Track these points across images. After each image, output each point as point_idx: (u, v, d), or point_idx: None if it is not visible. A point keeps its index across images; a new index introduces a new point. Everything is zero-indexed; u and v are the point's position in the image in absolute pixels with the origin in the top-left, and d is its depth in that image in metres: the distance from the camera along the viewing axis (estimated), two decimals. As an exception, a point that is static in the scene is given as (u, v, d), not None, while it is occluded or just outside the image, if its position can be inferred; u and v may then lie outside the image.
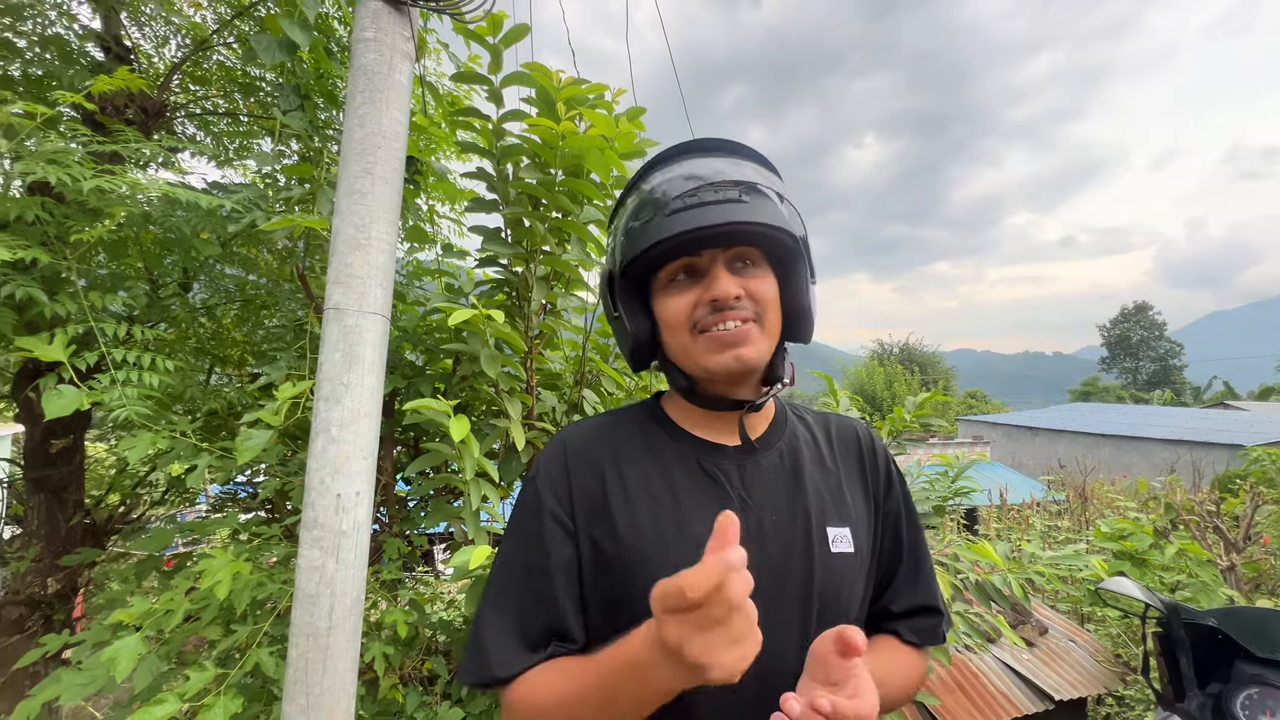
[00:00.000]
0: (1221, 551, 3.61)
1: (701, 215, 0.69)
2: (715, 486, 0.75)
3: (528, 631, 0.70)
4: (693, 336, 0.74)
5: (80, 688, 1.21)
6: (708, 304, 0.72)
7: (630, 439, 0.80)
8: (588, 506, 0.74)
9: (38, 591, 2.01)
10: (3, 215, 1.39)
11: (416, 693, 1.76)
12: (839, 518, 0.77)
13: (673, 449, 0.78)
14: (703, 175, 0.72)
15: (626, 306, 0.79)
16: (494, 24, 1.53)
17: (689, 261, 0.74)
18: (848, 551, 0.75)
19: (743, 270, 0.74)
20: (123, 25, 2.13)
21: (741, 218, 0.69)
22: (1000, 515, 7.03)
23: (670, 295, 0.76)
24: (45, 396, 1.29)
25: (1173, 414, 22.60)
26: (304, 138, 1.67)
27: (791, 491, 0.76)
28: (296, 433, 1.79)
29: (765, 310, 0.74)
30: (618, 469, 0.76)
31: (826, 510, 0.76)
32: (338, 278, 1.21)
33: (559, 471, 0.77)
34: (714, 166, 0.74)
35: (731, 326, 0.71)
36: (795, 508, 0.75)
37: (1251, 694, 1.26)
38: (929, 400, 2.03)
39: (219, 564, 1.28)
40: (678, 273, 0.75)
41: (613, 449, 0.78)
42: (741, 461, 0.77)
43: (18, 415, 2.11)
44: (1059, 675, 2.87)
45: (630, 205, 0.77)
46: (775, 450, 0.80)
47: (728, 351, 0.72)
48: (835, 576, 0.73)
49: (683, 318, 0.74)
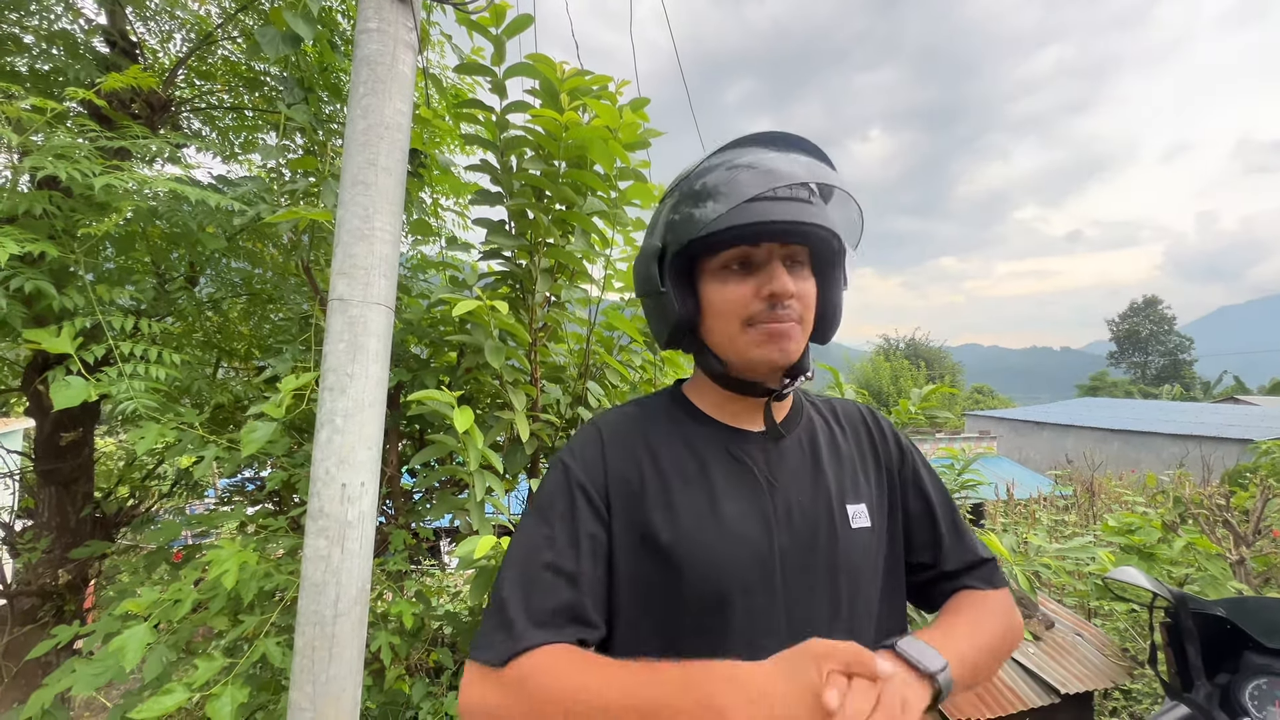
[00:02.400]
0: (1231, 545, 3.58)
1: (779, 209, 0.71)
2: (743, 470, 0.78)
3: (544, 607, 0.69)
4: (742, 328, 0.75)
5: (93, 678, 1.23)
6: (765, 298, 0.73)
7: (661, 425, 0.82)
8: (625, 493, 0.76)
9: (49, 583, 2.03)
10: (11, 209, 1.40)
11: (423, 683, 1.77)
12: (855, 495, 0.81)
13: (702, 435, 0.81)
14: (780, 169, 0.72)
15: (677, 285, 0.79)
16: (497, 15, 1.53)
17: (746, 252, 0.75)
18: (866, 526, 0.79)
19: (792, 269, 0.76)
20: (128, 20, 2.13)
21: (809, 219, 0.71)
22: (1007, 510, 7.00)
23: (724, 283, 0.76)
24: (54, 387, 1.30)
25: (1182, 409, 22.42)
26: (308, 131, 1.68)
27: (813, 473, 0.80)
28: (303, 425, 1.80)
29: (806, 311, 0.77)
30: (652, 454, 0.79)
31: (845, 489, 0.80)
32: (342, 268, 1.21)
33: (595, 455, 0.78)
34: (792, 163, 0.74)
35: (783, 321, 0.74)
36: (817, 488, 0.79)
37: (1260, 684, 1.25)
38: (935, 392, 2.02)
39: (226, 554, 1.29)
40: (732, 262, 0.75)
41: (645, 436, 0.81)
42: (765, 446, 0.80)
43: (28, 409, 2.13)
44: (1065, 669, 2.86)
45: (697, 184, 0.75)
46: (795, 436, 0.83)
47: (774, 345, 0.74)
48: (857, 551, 0.77)
49: (738, 308, 0.75)
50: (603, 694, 0.59)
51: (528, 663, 0.64)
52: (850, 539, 0.77)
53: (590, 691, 0.59)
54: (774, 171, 0.71)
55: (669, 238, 0.77)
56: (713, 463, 0.78)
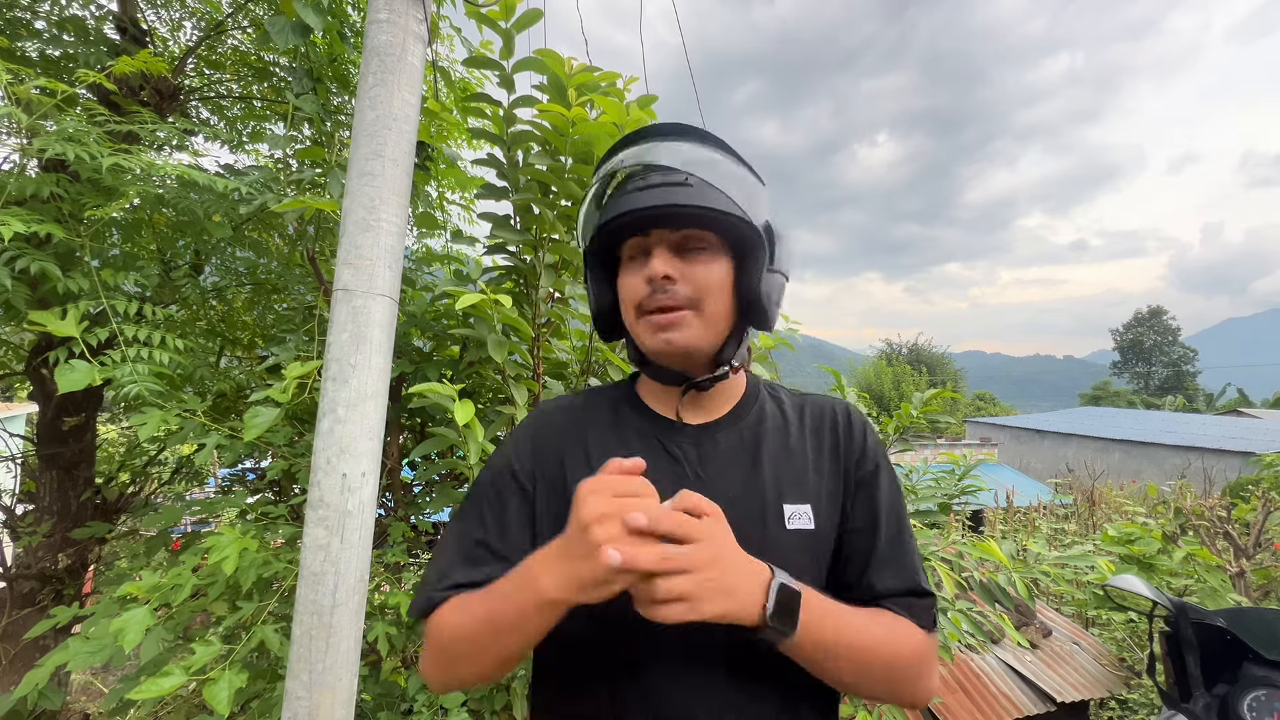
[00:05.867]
0: (1231, 558, 3.58)
1: (645, 197, 0.73)
2: (673, 463, 0.78)
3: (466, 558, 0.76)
4: (638, 316, 0.77)
5: (88, 656, 1.23)
6: (646, 283, 0.75)
7: (600, 417, 0.84)
8: (548, 484, 0.79)
9: (48, 567, 2.04)
10: (19, 192, 1.40)
11: (418, 676, 1.77)
12: (799, 495, 0.77)
13: (637, 427, 0.82)
14: (654, 158, 0.75)
15: (592, 277, 0.85)
16: (506, 9, 1.53)
17: (641, 241, 0.77)
18: (806, 528, 0.75)
19: (689, 254, 0.76)
20: (139, 8, 2.14)
21: (681, 200, 0.72)
22: (1006, 518, 6.98)
23: (625, 274, 0.80)
24: (58, 370, 1.30)
25: (1185, 420, 22.35)
26: (316, 121, 1.68)
27: (748, 469, 0.78)
28: (304, 415, 1.80)
29: (705, 296, 0.75)
30: (584, 445, 0.80)
31: (784, 488, 0.77)
32: (347, 259, 1.21)
33: (524, 437, 0.83)
34: (670, 150, 0.76)
35: (664, 310, 0.75)
36: (751, 485, 0.76)
37: (1259, 696, 1.24)
38: (937, 396, 2.01)
39: (226, 540, 1.30)
40: (633, 251, 0.79)
41: (581, 427, 0.83)
42: (700, 440, 0.80)
43: (31, 393, 2.14)
44: (1062, 677, 2.86)
45: (593, 184, 0.81)
46: (736, 429, 0.81)
47: (660, 335, 0.75)
48: (791, 552, 0.73)
49: (631, 294, 0.78)
50: (472, 620, 0.68)
51: (439, 614, 0.72)
52: (783, 539, 0.73)
53: (464, 624, 0.68)
54: (643, 159, 0.75)
55: (584, 241, 0.84)
56: (641, 454, 0.73)
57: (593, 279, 0.85)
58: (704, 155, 0.76)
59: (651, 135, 0.79)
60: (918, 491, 2.35)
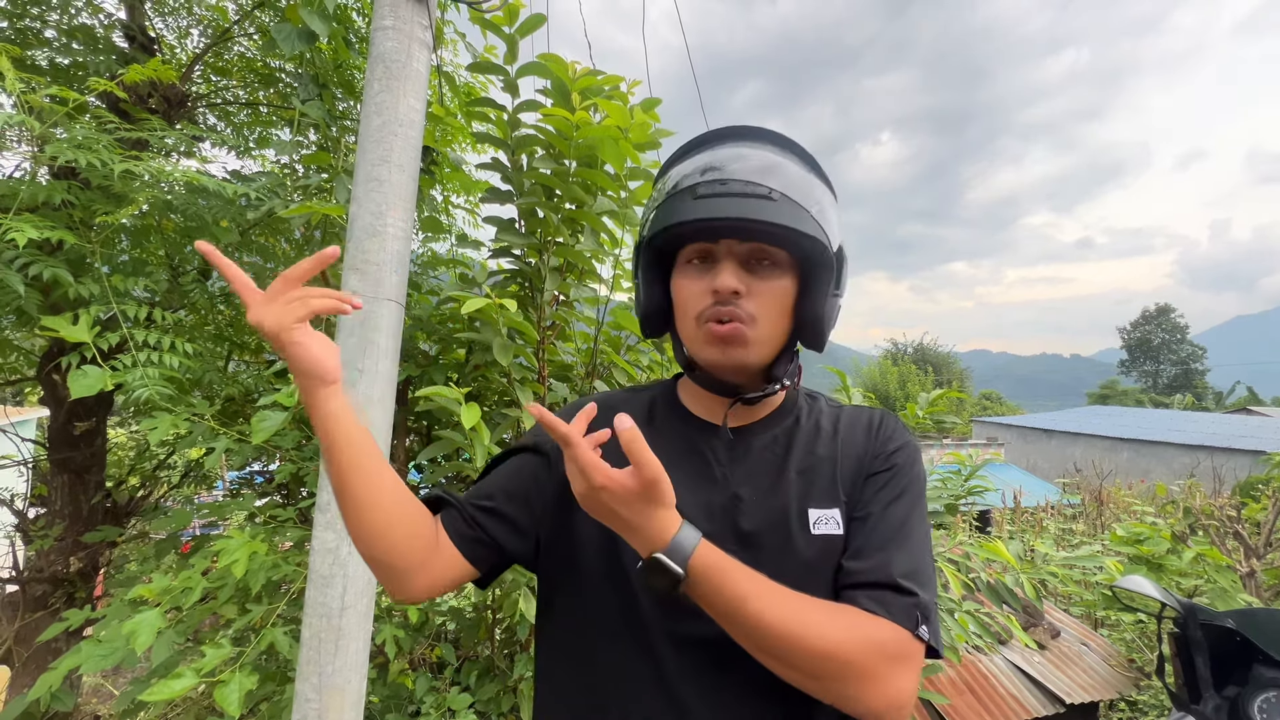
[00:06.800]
0: (1241, 558, 3.55)
1: (722, 206, 0.70)
2: (702, 462, 0.78)
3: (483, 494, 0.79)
4: (696, 324, 0.75)
5: (100, 659, 1.24)
6: (711, 294, 0.73)
7: (640, 411, 0.85)
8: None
9: (60, 570, 2.06)
10: (31, 199, 1.42)
11: (426, 678, 1.78)
12: (827, 500, 0.74)
13: (674, 426, 0.83)
14: (738, 165, 0.72)
15: (645, 276, 0.82)
16: (510, 14, 1.54)
17: (705, 248, 0.75)
18: (833, 534, 0.72)
19: (758, 269, 0.74)
20: (147, 16, 2.16)
21: (760, 216, 0.69)
22: (1014, 518, 6.94)
23: (685, 278, 0.77)
24: (70, 376, 1.32)
25: (1193, 419, 22.16)
26: (322, 127, 1.69)
27: (775, 473, 0.77)
28: (312, 419, 1.81)
29: (768, 313, 0.74)
30: None
31: (811, 492, 0.75)
32: (354, 264, 1.22)
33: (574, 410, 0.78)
34: (756, 157, 0.73)
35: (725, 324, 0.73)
36: (777, 488, 0.76)
37: (1270, 697, 1.23)
38: (942, 397, 2.01)
39: (236, 544, 1.31)
40: (694, 256, 0.76)
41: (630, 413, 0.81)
42: (733, 444, 0.79)
43: (42, 398, 2.16)
44: (1070, 679, 2.84)
45: (669, 177, 0.77)
46: (770, 434, 0.81)
47: (717, 348, 0.74)
48: (815, 556, 0.71)
49: (691, 302, 0.76)
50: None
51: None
52: (809, 543, 0.71)
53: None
54: (724, 166, 0.72)
55: (644, 231, 0.80)
56: (675, 454, 0.76)
57: (646, 276, 0.82)
58: (789, 167, 0.74)
59: (732, 137, 0.77)
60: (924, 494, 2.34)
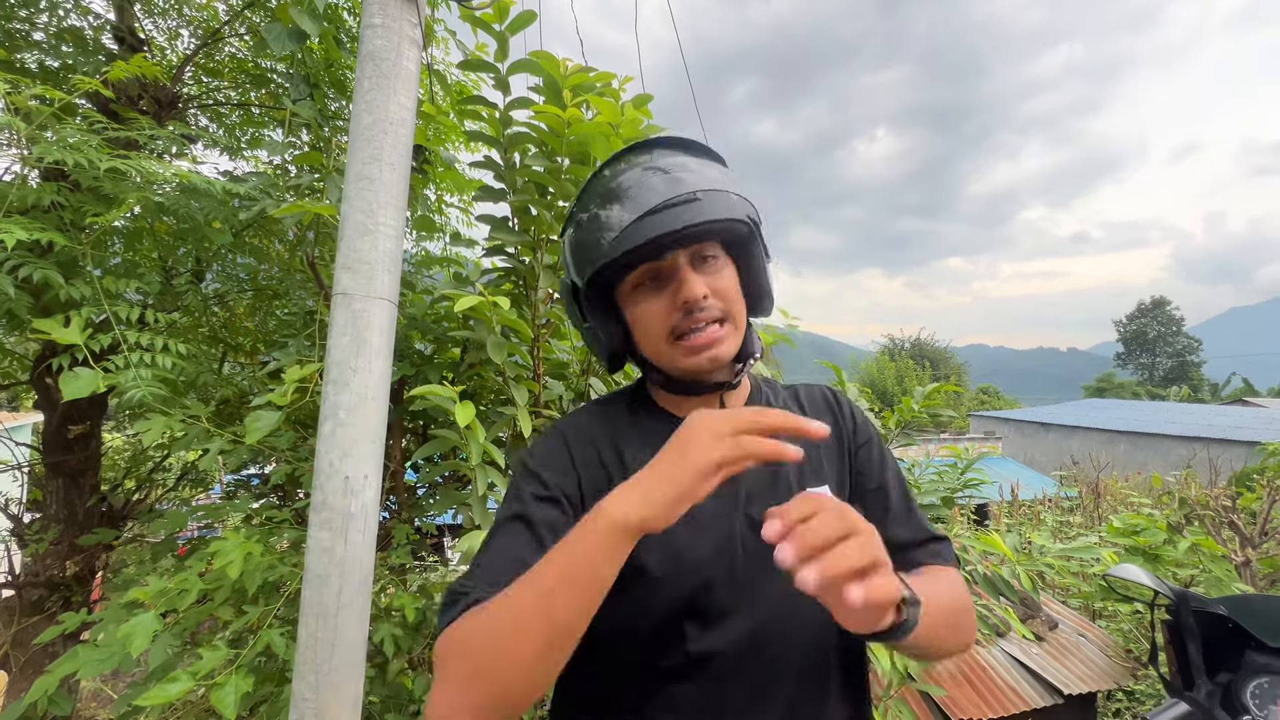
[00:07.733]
0: (1237, 547, 3.57)
1: (664, 220, 0.69)
2: None
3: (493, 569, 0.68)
4: (669, 343, 0.76)
5: (97, 663, 1.24)
6: (680, 307, 0.73)
7: (621, 422, 0.83)
8: (595, 489, 0.75)
9: (56, 574, 2.05)
10: (20, 202, 1.41)
11: (425, 677, 1.78)
12: (817, 478, 0.80)
13: (659, 429, 0.80)
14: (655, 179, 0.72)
15: (600, 316, 0.81)
16: (500, 11, 1.53)
17: (654, 267, 0.74)
18: None
19: (704, 266, 0.75)
20: (136, 17, 2.15)
21: (701, 218, 0.70)
22: (1011, 511, 6.97)
23: (641, 302, 0.76)
24: (63, 378, 1.31)
25: (1190, 410, 22.25)
26: (314, 127, 1.69)
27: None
28: (307, 420, 1.81)
29: (732, 304, 0.76)
30: (616, 450, 0.79)
31: (805, 473, 0.80)
32: (346, 263, 1.22)
33: (558, 447, 0.79)
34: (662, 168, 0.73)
35: (703, 329, 0.74)
36: (777, 473, 0.79)
37: (1262, 683, 1.24)
38: (938, 390, 2.01)
39: (231, 545, 1.31)
40: (643, 279, 0.76)
41: (608, 432, 0.81)
42: None
43: (36, 402, 2.16)
44: (1068, 670, 2.85)
45: (585, 216, 0.76)
46: None
47: (703, 354, 0.74)
48: None
49: (659, 323, 0.75)
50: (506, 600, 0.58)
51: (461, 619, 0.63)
52: None
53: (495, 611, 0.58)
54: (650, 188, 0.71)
55: (574, 274, 0.78)
56: None
57: (600, 316, 0.81)
58: (689, 162, 0.75)
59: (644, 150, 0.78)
60: (921, 486, 2.35)
